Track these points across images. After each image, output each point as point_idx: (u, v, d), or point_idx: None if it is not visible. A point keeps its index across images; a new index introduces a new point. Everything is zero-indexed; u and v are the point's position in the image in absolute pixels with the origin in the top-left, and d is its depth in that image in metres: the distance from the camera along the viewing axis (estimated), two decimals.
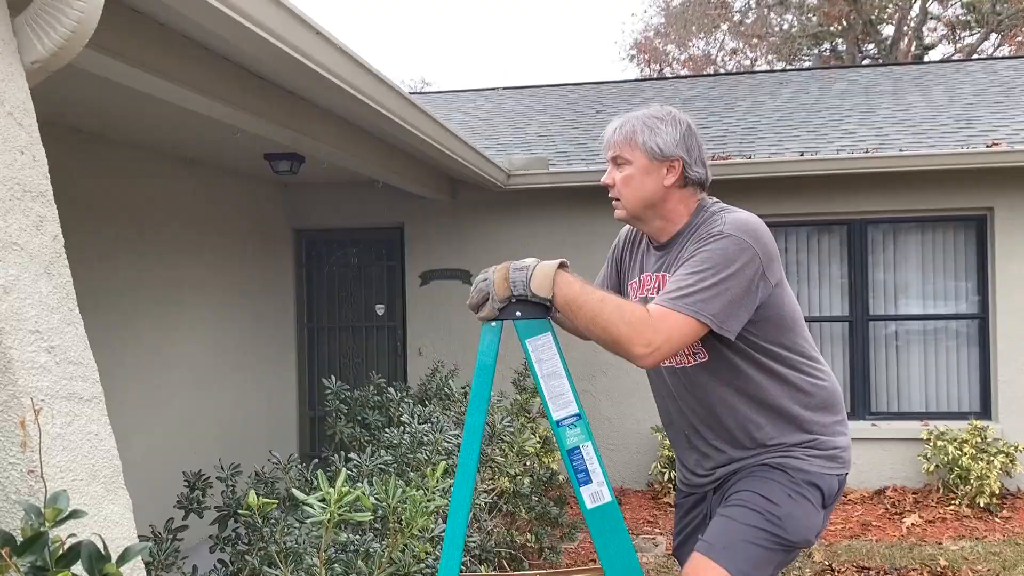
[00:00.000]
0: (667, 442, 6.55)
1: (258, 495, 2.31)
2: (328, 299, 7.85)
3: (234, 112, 3.67)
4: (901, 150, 6.68)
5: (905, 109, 8.19)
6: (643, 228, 2.30)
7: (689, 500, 2.38)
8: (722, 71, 22.88)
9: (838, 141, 7.23)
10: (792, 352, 2.18)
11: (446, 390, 4.92)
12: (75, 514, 1.20)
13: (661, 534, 5.77)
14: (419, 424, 3.36)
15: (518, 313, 2.08)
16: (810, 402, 2.19)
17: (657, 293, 2.18)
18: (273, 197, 7.49)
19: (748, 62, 23.48)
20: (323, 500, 1.95)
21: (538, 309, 2.07)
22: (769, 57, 23.18)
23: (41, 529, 1.18)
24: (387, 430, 3.71)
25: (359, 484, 2.52)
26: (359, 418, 4.52)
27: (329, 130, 4.60)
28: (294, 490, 2.07)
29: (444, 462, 2.36)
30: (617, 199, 2.23)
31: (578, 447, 2.05)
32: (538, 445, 4.52)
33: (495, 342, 2.09)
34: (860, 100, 8.70)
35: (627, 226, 2.42)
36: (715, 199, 2.28)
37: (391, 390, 4.36)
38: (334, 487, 1.95)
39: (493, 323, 2.09)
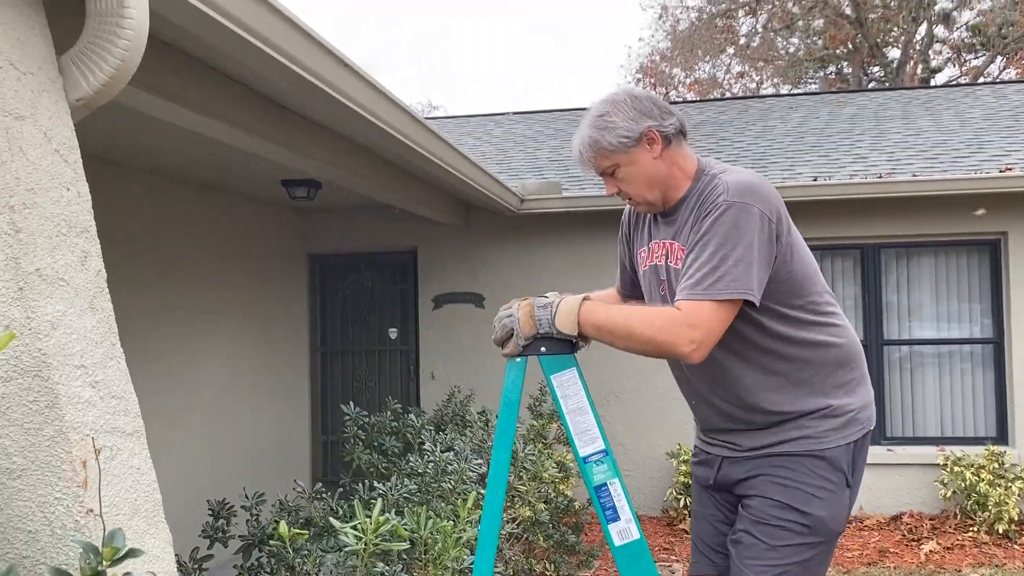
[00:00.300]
0: (683, 468, 6.53)
1: (289, 526, 2.31)
2: (341, 323, 7.86)
3: (255, 140, 3.70)
4: (914, 175, 6.69)
5: (916, 133, 8.22)
6: (662, 206, 2.26)
7: (701, 468, 2.40)
8: (728, 94, 23.00)
9: (850, 166, 7.25)
10: (806, 311, 2.14)
11: (463, 415, 4.91)
12: (132, 553, 1.21)
13: (677, 561, 5.74)
14: (442, 452, 3.36)
15: (543, 349, 2.09)
16: (825, 358, 2.16)
17: (665, 260, 2.20)
18: (288, 222, 7.53)
19: (754, 85, 23.60)
20: (358, 529, 1.96)
21: (563, 344, 2.08)
22: (775, 80, 23.30)
23: (99, 568, 1.18)
24: (408, 457, 3.71)
25: (387, 514, 2.52)
26: (375, 444, 4.52)
27: (346, 156, 4.64)
28: (332, 519, 2.07)
29: (473, 493, 2.37)
30: (630, 198, 2.24)
31: (605, 484, 2.05)
32: (556, 472, 4.51)
33: (520, 378, 2.10)
34: (870, 125, 8.73)
35: (630, 209, 2.43)
36: (715, 161, 2.27)
37: (411, 417, 4.35)
38: (370, 516, 1.95)
39: (518, 359, 2.10)
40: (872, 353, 6.98)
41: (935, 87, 10.16)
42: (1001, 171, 6.52)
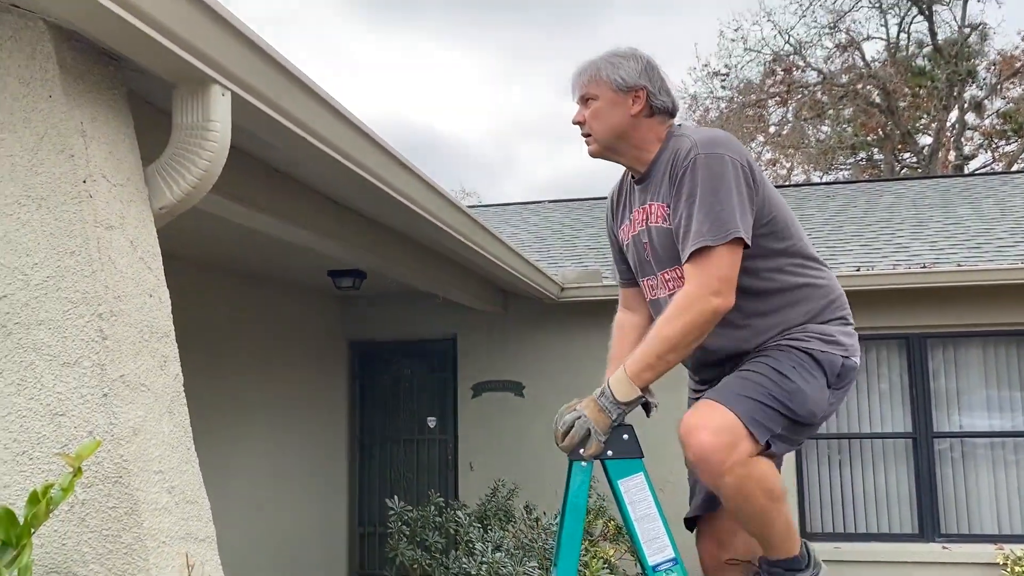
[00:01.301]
0: None
1: None
2: (380, 411, 7.85)
3: (311, 235, 3.78)
4: (959, 265, 6.64)
5: (957, 222, 8.19)
6: (618, 160, 2.36)
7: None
8: None
9: (892, 255, 7.21)
10: (789, 255, 2.23)
11: (508, 510, 4.83)
12: None
13: None
14: (492, 552, 3.29)
15: (609, 452, 2.07)
16: (811, 295, 2.24)
17: (645, 223, 2.28)
18: (330, 310, 7.61)
19: (785, 171, 23.78)
20: None
21: (631, 446, 2.07)
22: (806, 166, 23.47)
23: None
24: (453, 554, 3.65)
25: None
26: (418, 539, 4.45)
27: (392, 247, 4.71)
28: None
29: None
30: (588, 134, 2.32)
31: None
32: (607, 573, 4.39)
33: (587, 483, 2.08)
34: (910, 213, 8.72)
35: (610, 195, 2.53)
36: (685, 125, 2.38)
37: (459, 513, 4.29)
38: None
39: (584, 463, 2.08)
40: (922, 446, 6.81)
41: (973, 175, 10.17)
42: None
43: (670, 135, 2.29)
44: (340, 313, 7.77)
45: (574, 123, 2.36)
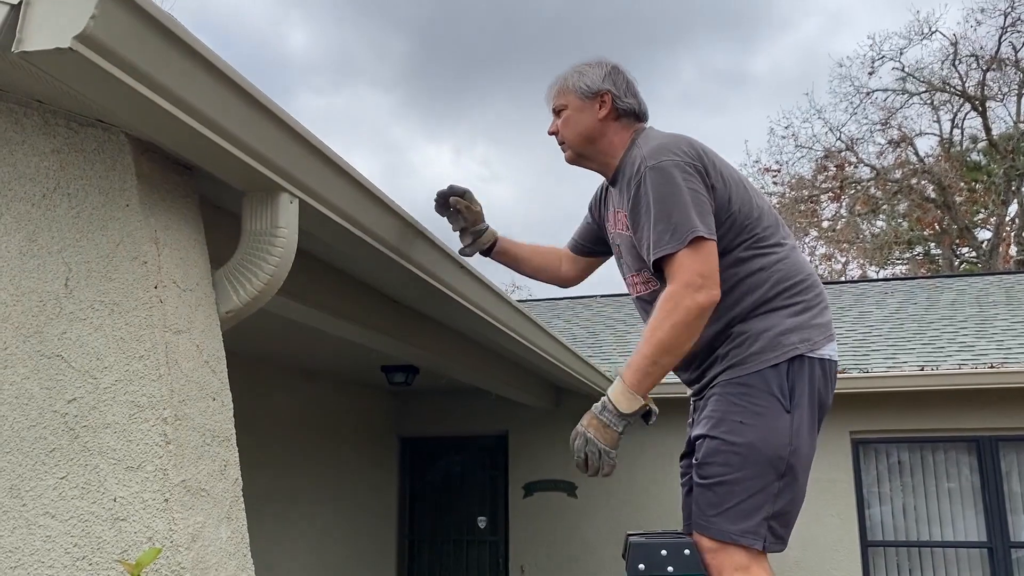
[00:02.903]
0: None
1: None
2: (430, 509, 7.74)
3: (368, 333, 3.81)
4: None
5: None
6: (590, 166, 2.45)
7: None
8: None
9: (957, 355, 7.00)
10: (744, 248, 2.19)
11: None
12: None
13: None
14: None
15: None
16: (755, 283, 2.17)
17: (615, 229, 2.39)
18: (381, 405, 7.62)
19: (840, 266, 23.51)
20: None
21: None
22: (861, 261, 23.19)
23: None
24: None
25: None
26: None
27: (446, 343, 4.72)
28: None
29: None
30: (563, 142, 2.43)
31: None
32: None
33: None
34: (973, 311, 8.50)
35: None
36: (647, 127, 2.41)
37: None
38: None
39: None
40: (999, 557, 6.44)
41: None
42: None
43: (632, 143, 2.35)
44: (392, 408, 7.77)
45: (549, 134, 2.48)
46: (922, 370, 6.51)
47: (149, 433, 1.63)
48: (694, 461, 2.18)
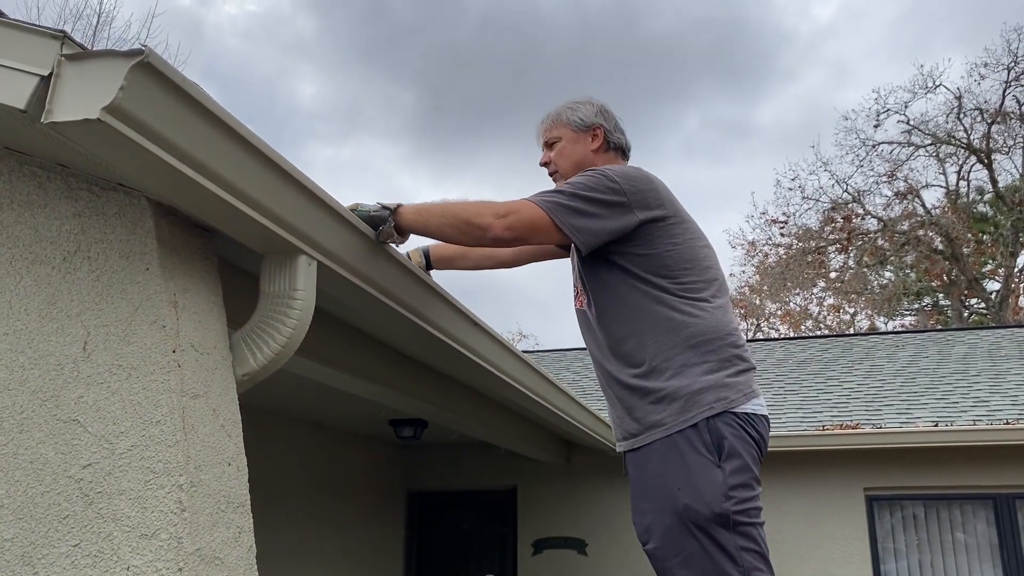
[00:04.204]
0: None
1: None
2: (437, 565, 7.62)
3: (378, 388, 3.79)
4: None
5: None
6: None
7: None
8: (823, 326, 22.84)
9: (971, 410, 6.93)
10: (669, 292, 2.23)
11: None
12: None
13: None
14: None
15: None
16: (675, 334, 2.19)
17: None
18: (390, 459, 7.55)
19: (848, 316, 23.43)
20: None
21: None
22: (869, 312, 23.11)
23: None
24: None
25: None
26: None
27: (454, 398, 4.69)
28: None
29: None
30: (555, 171, 2.52)
31: None
32: None
33: None
34: (986, 365, 8.44)
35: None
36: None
37: None
38: None
39: None
40: None
41: None
42: None
43: None
44: (399, 461, 7.70)
45: (541, 165, 2.57)
46: (936, 426, 6.44)
47: (164, 500, 1.61)
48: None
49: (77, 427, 1.68)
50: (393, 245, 2.28)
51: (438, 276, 2.80)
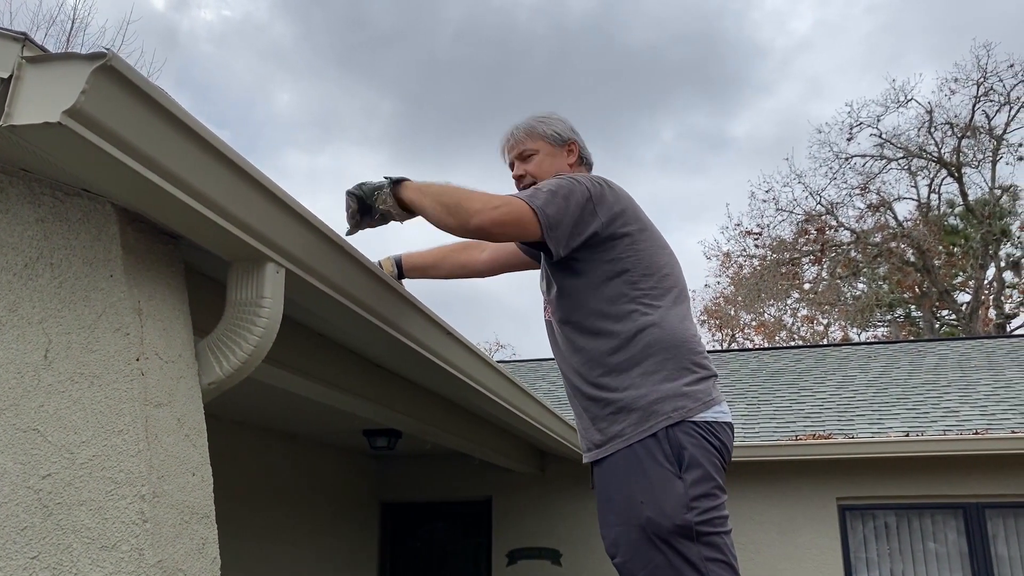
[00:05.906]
0: None
1: None
2: None
3: (350, 398, 3.76)
4: (1013, 431, 6.41)
5: (1006, 386, 7.97)
6: None
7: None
8: (796, 337, 23.02)
9: (942, 420, 7.00)
10: (628, 299, 2.23)
11: None
12: None
13: None
14: None
15: None
16: (634, 349, 2.19)
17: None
18: (363, 470, 7.49)
19: (821, 327, 23.62)
20: None
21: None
22: (842, 323, 23.31)
23: None
24: None
25: None
26: None
27: (427, 408, 4.66)
28: None
29: None
30: (531, 184, 2.45)
31: None
32: None
33: None
34: (956, 376, 8.53)
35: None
36: None
37: None
38: None
39: None
40: None
41: (1019, 336, 9.99)
42: None
43: None
44: (373, 472, 7.64)
45: (515, 177, 2.57)
46: (907, 436, 6.50)
47: (126, 511, 1.58)
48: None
49: (37, 436, 1.65)
50: (398, 223, 2.31)
51: (412, 286, 2.79)
